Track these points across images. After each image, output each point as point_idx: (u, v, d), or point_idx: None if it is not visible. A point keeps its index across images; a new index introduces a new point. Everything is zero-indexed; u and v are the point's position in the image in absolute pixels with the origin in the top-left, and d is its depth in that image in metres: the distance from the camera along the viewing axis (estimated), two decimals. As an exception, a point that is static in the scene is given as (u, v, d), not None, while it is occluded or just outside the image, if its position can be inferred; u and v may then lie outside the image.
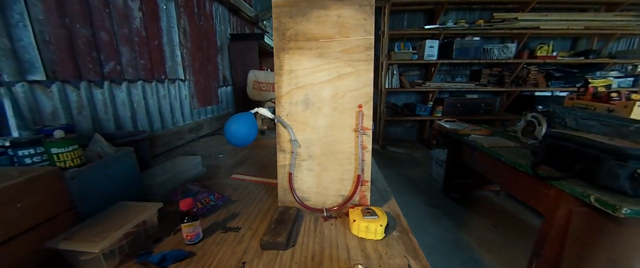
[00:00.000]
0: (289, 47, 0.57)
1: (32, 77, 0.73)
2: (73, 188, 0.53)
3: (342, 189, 0.62)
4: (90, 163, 0.57)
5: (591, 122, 1.25)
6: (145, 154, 0.90)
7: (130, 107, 1.06)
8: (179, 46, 1.36)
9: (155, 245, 0.53)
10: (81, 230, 0.50)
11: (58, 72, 0.79)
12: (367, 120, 0.58)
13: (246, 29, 2.45)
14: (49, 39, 0.76)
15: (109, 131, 0.96)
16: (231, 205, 0.69)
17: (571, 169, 1.04)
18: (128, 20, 1.04)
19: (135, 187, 0.69)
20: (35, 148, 0.52)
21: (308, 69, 0.57)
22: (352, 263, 0.46)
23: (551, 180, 1.07)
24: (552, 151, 1.12)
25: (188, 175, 0.87)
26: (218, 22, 1.82)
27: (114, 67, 0.98)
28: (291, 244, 0.52)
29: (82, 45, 0.85)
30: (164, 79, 1.26)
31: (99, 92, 0.93)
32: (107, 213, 0.56)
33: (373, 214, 0.55)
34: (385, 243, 0.52)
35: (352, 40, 0.55)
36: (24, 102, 0.71)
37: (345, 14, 0.54)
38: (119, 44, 1.00)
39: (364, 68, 0.56)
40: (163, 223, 0.61)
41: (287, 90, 0.59)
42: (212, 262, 0.47)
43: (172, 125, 1.33)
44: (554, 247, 1.23)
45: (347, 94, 0.57)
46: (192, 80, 1.49)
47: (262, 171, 0.94)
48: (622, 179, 0.87)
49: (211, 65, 1.71)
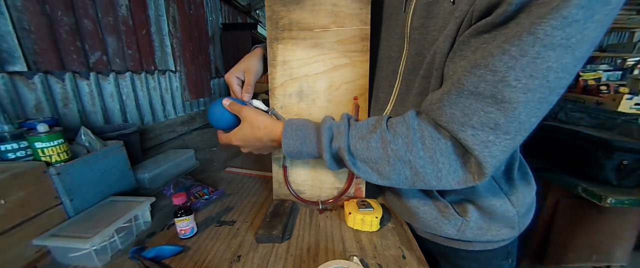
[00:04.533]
0: (283, 37, 0.55)
1: (11, 68, 0.69)
2: (60, 183, 0.51)
3: (337, 182, 0.62)
4: (78, 158, 0.55)
5: (580, 115, 1.28)
6: (136, 148, 0.88)
7: (118, 99, 1.03)
8: (169, 36, 1.31)
9: (149, 240, 0.52)
10: (70, 226, 0.49)
11: (40, 62, 0.75)
12: (363, 113, 0.57)
13: (239, 19, 2.38)
14: (29, 27, 0.72)
15: (97, 124, 0.93)
16: (225, 199, 0.68)
17: (560, 160, 1.07)
18: (113, 7, 1.00)
19: (126, 181, 0.68)
20: (19, 143, 0.50)
21: (302, 59, 0.56)
22: (348, 255, 0.47)
23: (540, 172, 1.10)
24: (542, 143, 1.14)
25: (181, 168, 0.86)
26: (209, 11, 1.76)
27: (100, 58, 0.95)
28: (287, 237, 0.52)
29: (64, 34, 0.81)
30: (154, 70, 1.22)
31: (85, 84, 0.90)
32: (97, 209, 0.55)
33: (368, 206, 0.55)
34: (380, 235, 0.53)
35: (347, 31, 0.54)
36: (4, 94, 0.68)
37: (341, 3, 0.53)
38: (105, 33, 0.96)
39: (359, 59, 0.55)
40: (156, 217, 0.60)
41: (281, 81, 0.58)
42: (207, 256, 0.47)
43: (164, 118, 1.30)
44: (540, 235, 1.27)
45: (343, 85, 0.56)
46: (183, 72, 1.45)
47: (256, 164, 0.93)
48: (607, 170, 0.89)
49: (203, 56, 1.67)
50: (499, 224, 0.46)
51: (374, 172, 0.40)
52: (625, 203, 0.85)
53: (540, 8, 0.26)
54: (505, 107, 0.30)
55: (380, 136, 0.38)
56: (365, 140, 0.39)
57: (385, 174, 0.39)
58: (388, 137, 0.38)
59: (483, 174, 0.34)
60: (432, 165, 0.36)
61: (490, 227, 0.46)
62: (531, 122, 0.32)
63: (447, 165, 0.35)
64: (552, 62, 0.27)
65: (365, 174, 0.41)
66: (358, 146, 0.40)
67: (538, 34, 0.26)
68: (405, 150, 0.36)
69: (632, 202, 0.85)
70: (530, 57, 0.27)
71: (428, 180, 0.37)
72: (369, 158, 0.39)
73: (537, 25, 0.26)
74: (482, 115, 0.31)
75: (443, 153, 0.35)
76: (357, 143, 0.40)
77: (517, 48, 0.28)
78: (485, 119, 0.31)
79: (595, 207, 0.95)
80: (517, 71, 0.28)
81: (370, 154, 0.39)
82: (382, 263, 0.45)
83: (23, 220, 0.45)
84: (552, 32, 0.26)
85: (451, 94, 0.33)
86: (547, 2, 0.26)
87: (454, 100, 0.33)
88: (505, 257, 0.51)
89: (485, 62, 0.30)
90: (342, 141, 0.40)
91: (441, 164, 0.35)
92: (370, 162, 0.39)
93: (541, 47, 0.27)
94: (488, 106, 0.31)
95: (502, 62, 0.29)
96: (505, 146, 0.32)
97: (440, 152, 0.35)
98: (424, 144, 0.36)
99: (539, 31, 0.26)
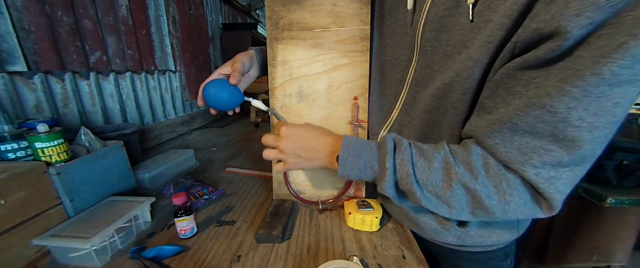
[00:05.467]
0: (283, 36, 0.55)
1: (11, 67, 0.69)
2: (60, 183, 0.51)
3: (337, 182, 0.62)
4: (78, 158, 0.55)
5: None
6: (136, 148, 0.88)
7: (118, 99, 1.03)
8: (169, 36, 1.31)
9: (149, 240, 0.52)
10: (70, 226, 0.49)
11: (40, 62, 0.75)
12: (363, 113, 0.57)
13: (238, 19, 2.38)
14: (29, 27, 0.72)
15: (97, 124, 0.93)
16: (225, 199, 0.68)
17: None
18: (113, 7, 1.00)
19: (126, 181, 0.68)
20: (19, 143, 0.50)
21: (302, 59, 0.56)
22: (348, 255, 0.47)
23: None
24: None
25: (181, 168, 0.86)
26: (209, 11, 1.76)
27: (100, 58, 0.94)
28: (287, 237, 0.52)
29: (64, 34, 0.81)
30: (154, 70, 1.22)
31: (85, 84, 0.90)
32: (97, 209, 0.55)
33: (368, 206, 0.55)
34: (380, 235, 0.53)
35: (347, 30, 0.54)
36: (4, 94, 0.68)
37: (341, 3, 0.53)
38: (105, 33, 0.96)
39: (359, 59, 0.55)
40: (156, 217, 0.60)
41: (281, 81, 0.58)
42: (207, 256, 0.47)
43: (164, 118, 1.30)
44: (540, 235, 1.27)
45: (342, 85, 0.56)
46: (183, 72, 1.45)
47: (256, 164, 0.93)
48: (607, 170, 0.89)
49: (203, 56, 1.67)
50: (500, 230, 0.46)
51: (434, 197, 0.36)
52: (625, 203, 0.85)
53: (601, 42, 0.24)
54: (569, 146, 0.28)
55: (443, 157, 0.35)
56: (427, 160, 0.35)
57: (445, 199, 0.35)
58: (451, 159, 0.34)
59: (552, 208, 0.32)
60: (498, 195, 0.32)
61: (491, 235, 0.46)
62: (597, 153, 0.30)
63: (516, 198, 0.32)
64: (619, 98, 0.25)
65: (426, 201, 0.36)
66: (419, 164, 0.36)
67: (604, 74, 0.24)
68: (469, 177, 0.33)
69: (632, 202, 0.85)
70: (594, 97, 0.25)
71: (493, 211, 0.33)
72: (428, 180, 0.35)
73: (603, 66, 0.24)
74: (543, 154, 0.29)
75: (510, 184, 0.32)
76: (418, 160, 0.36)
77: (580, 89, 0.25)
78: (546, 158, 0.29)
79: (595, 207, 0.95)
80: (580, 111, 0.26)
81: (431, 175, 0.35)
82: (382, 263, 0.45)
83: (23, 220, 0.45)
84: (620, 71, 0.24)
85: (503, 132, 0.31)
86: (609, 35, 0.23)
87: (507, 138, 0.31)
88: (504, 257, 0.51)
89: (541, 102, 0.27)
90: (405, 154, 0.36)
91: (509, 195, 0.32)
92: (429, 185, 0.35)
93: (606, 86, 0.25)
94: (549, 144, 0.29)
95: (562, 103, 0.26)
96: (570, 179, 0.30)
97: (507, 183, 0.32)
98: (487, 172, 0.33)
99: (605, 71, 0.24)
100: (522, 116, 0.29)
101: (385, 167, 0.37)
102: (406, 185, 0.36)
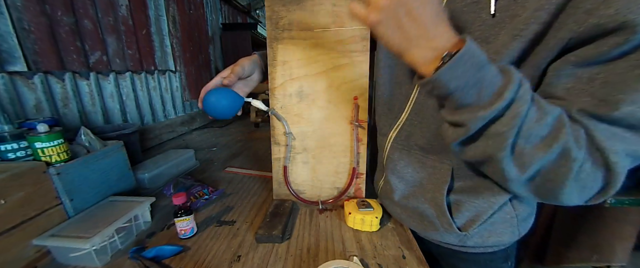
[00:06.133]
0: (283, 36, 0.55)
1: (11, 67, 0.69)
2: (60, 183, 0.51)
3: (337, 182, 0.62)
4: (78, 158, 0.55)
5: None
6: (136, 148, 0.88)
7: (118, 99, 1.03)
8: (169, 36, 1.31)
9: (149, 240, 0.52)
10: (70, 226, 0.49)
11: (40, 62, 0.75)
12: (363, 113, 0.57)
13: (238, 19, 2.39)
14: (29, 27, 0.72)
15: (97, 124, 0.93)
16: (225, 199, 0.68)
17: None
18: (113, 7, 1.00)
19: (126, 181, 0.68)
20: (19, 143, 0.50)
21: (302, 59, 0.56)
22: (348, 255, 0.47)
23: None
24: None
25: (181, 168, 0.86)
26: (209, 11, 1.76)
27: (100, 58, 0.95)
28: (287, 237, 0.52)
29: (64, 34, 0.81)
30: (154, 70, 1.22)
31: (85, 84, 0.90)
32: (97, 209, 0.55)
33: (368, 206, 0.55)
34: (380, 235, 0.53)
35: (347, 30, 0.54)
36: (4, 94, 0.68)
37: (341, 3, 0.53)
38: (105, 33, 0.96)
39: (359, 59, 0.55)
40: (156, 218, 0.60)
41: (281, 81, 0.58)
42: (207, 256, 0.47)
43: (164, 118, 1.30)
44: (540, 235, 1.27)
45: (342, 85, 0.56)
46: (183, 72, 1.45)
47: (256, 164, 0.93)
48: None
49: (203, 56, 1.67)
50: (501, 232, 0.46)
51: (518, 154, 0.31)
52: (625, 203, 0.85)
53: None
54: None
55: (559, 115, 0.31)
56: (541, 111, 0.30)
57: (529, 159, 0.31)
58: (566, 120, 0.31)
59: (608, 194, 0.32)
60: (593, 173, 0.30)
61: (492, 235, 0.46)
62: None
63: (599, 182, 0.31)
64: None
65: (503, 153, 0.31)
66: (531, 111, 0.30)
67: None
68: (575, 144, 0.30)
69: (632, 202, 0.85)
70: None
71: (565, 185, 0.31)
72: (528, 132, 0.30)
73: None
74: (632, 143, 0.30)
75: (598, 167, 0.31)
76: (532, 106, 0.30)
77: None
78: (633, 147, 0.30)
79: (595, 207, 0.95)
80: None
81: (535, 129, 0.30)
82: (382, 263, 0.45)
83: (23, 220, 0.45)
84: None
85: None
86: None
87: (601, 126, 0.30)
88: (504, 259, 0.51)
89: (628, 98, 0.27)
90: (527, 94, 0.30)
91: (595, 174, 0.31)
92: (525, 137, 0.30)
93: None
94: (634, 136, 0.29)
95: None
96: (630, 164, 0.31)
97: (596, 164, 0.31)
98: (590, 147, 0.31)
99: None
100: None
101: (502, 96, 0.29)
102: (504, 126, 0.30)
